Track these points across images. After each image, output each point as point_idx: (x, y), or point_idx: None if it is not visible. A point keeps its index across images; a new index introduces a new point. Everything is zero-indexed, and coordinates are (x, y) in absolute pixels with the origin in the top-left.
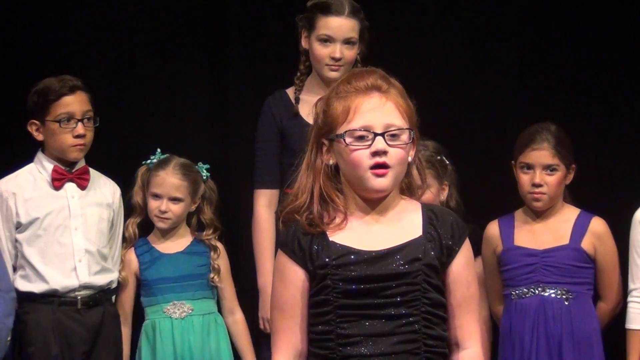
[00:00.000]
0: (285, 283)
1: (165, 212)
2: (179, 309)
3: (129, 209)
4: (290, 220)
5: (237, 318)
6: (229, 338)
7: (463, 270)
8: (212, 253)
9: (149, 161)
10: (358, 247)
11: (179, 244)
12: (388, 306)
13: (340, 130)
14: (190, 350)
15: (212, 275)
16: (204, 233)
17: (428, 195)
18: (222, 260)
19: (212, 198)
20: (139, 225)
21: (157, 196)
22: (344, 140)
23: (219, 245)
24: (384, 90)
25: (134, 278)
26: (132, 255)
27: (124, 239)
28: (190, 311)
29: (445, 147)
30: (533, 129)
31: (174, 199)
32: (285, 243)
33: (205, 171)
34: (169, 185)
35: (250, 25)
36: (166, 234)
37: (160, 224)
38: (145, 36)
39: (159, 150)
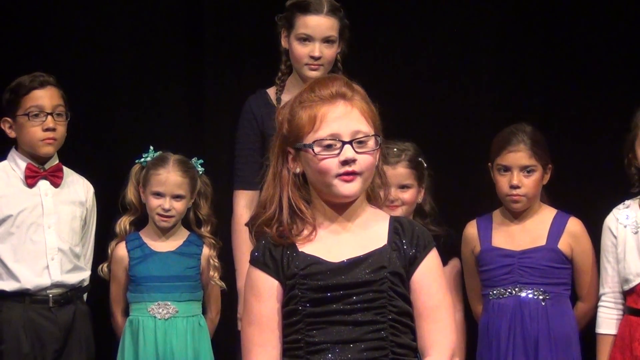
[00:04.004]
0: (262, 297)
1: (168, 210)
2: (163, 309)
3: (122, 208)
4: (262, 232)
5: (212, 316)
6: (210, 341)
7: (425, 280)
8: (211, 250)
9: (142, 160)
10: (325, 258)
11: (171, 242)
12: (355, 312)
13: (308, 140)
14: (172, 352)
15: (212, 273)
16: (203, 229)
17: (408, 196)
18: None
19: (207, 193)
20: (132, 222)
21: (159, 195)
22: (312, 149)
23: (218, 244)
24: (348, 97)
25: (125, 273)
26: (123, 251)
27: (115, 234)
28: (175, 312)
29: (421, 149)
30: (509, 130)
31: (177, 197)
32: (257, 258)
33: (200, 166)
34: (172, 183)
35: (227, 22)
36: (165, 232)
37: (163, 224)
38: (121, 34)
39: (151, 148)
